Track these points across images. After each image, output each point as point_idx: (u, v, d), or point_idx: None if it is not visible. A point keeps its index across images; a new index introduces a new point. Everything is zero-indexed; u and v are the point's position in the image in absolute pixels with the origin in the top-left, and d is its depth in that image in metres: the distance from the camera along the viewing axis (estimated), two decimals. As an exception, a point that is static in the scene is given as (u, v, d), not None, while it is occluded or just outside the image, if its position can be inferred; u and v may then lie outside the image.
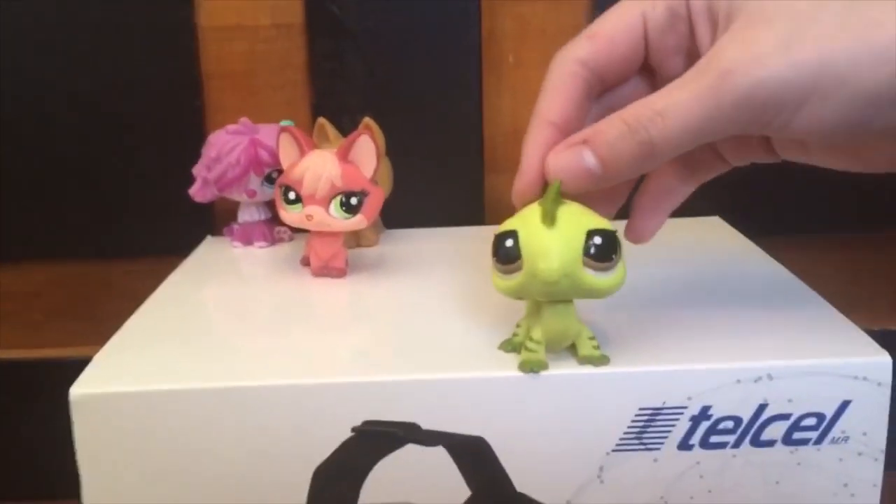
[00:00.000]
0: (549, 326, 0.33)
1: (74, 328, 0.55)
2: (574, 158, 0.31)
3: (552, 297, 0.32)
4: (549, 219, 0.30)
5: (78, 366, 0.34)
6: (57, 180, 0.53)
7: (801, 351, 0.33)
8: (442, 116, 0.53)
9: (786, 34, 0.28)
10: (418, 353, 0.35)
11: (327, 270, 0.44)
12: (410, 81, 0.52)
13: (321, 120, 0.48)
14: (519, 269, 0.31)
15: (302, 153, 0.42)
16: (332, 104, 0.52)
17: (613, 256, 0.31)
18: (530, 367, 0.33)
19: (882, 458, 0.34)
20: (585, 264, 0.30)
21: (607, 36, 0.33)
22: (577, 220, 0.31)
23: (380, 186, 0.43)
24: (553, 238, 0.30)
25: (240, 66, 0.53)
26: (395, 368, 0.34)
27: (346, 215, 0.42)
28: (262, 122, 0.54)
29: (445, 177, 0.53)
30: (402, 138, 0.53)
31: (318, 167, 0.41)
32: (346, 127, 0.53)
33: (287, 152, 0.43)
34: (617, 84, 0.35)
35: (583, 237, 0.30)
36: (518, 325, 0.35)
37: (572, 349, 0.34)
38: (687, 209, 0.52)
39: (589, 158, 0.31)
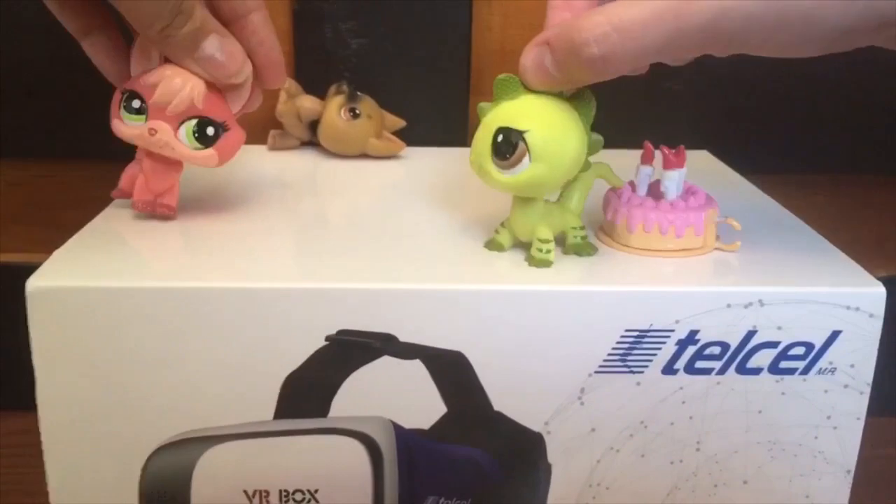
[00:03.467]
0: (512, 218, 0.34)
1: (29, 233, 0.53)
2: (537, 59, 0.31)
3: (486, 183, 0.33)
4: (482, 116, 0.33)
5: (32, 272, 0.31)
6: (17, 76, 0.50)
7: (794, 278, 0.33)
8: (430, 32, 0.50)
9: None
10: (398, 262, 0.34)
11: (152, 207, 0.36)
12: (397, -7, 0.50)
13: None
14: None
15: (161, 62, 0.35)
16: (314, 11, 0.50)
17: (508, 156, 0.31)
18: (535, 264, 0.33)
19: (868, 391, 0.33)
20: (492, 159, 0.32)
21: None
22: (503, 116, 0.32)
23: (242, 131, 0.36)
24: (478, 132, 0.32)
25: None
26: (373, 276, 0.32)
27: (197, 145, 0.35)
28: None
29: (429, 95, 0.51)
30: (386, 53, 0.50)
31: (181, 78, 0.34)
32: (328, 35, 0.50)
33: (141, 59, 0.35)
34: None
35: (492, 133, 0.32)
36: (502, 225, 0.35)
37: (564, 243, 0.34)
38: (674, 142, 0.51)
39: (548, 61, 0.31)
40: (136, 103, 0.35)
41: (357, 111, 0.47)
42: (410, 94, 0.51)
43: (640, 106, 0.51)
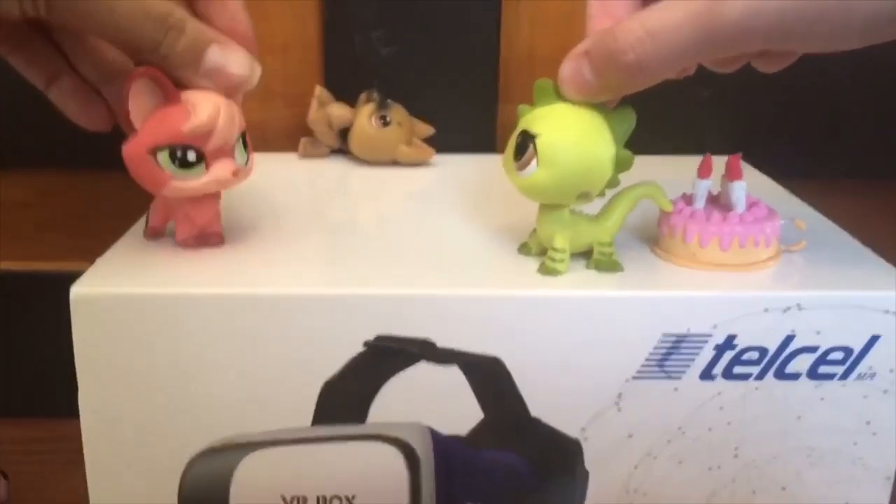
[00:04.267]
0: (537, 224, 0.34)
1: (65, 242, 0.54)
2: (574, 70, 0.31)
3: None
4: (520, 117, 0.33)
5: (68, 280, 0.32)
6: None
7: (832, 282, 0.32)
8: (458, 39, 0.50)
9: None
10: (434, 268, 0.34)
11: (204, 240, 0.35)
12: (427, 1, 0.50)
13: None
14: None
15: (170, 99, 0.31)
16: (344, 19, 0.50)
17: (520, 157, 0.32)
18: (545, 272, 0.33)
19: (908, 396, 0.33)
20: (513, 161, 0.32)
21: None
22: (532, 120, 0.32)
23: None
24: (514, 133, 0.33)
25: (246, -26, 0.50)
26: (412, 282, 0.32)
27: (245, 160, 0.34)
28: (269, 37, 0.52)
29: (458, 101, 0.51)
30: (415, 61, 0.51)
31: (226, 108, 0.32)
32: (357, 43, 0.51)
33: (143, 103, 0.31)
34: None
35: (517, 135, 0.32)
36: (534, 230, 0.35)
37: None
38: (708, 147, 0.51)
39: (587, 71, 0.30)
40: (191, 156, 0.32)
41: (387, 119, 0.47)
42: (439, 101, 0.51)
43: (668, 112, 0.51)
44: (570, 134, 0.31)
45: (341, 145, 0.49)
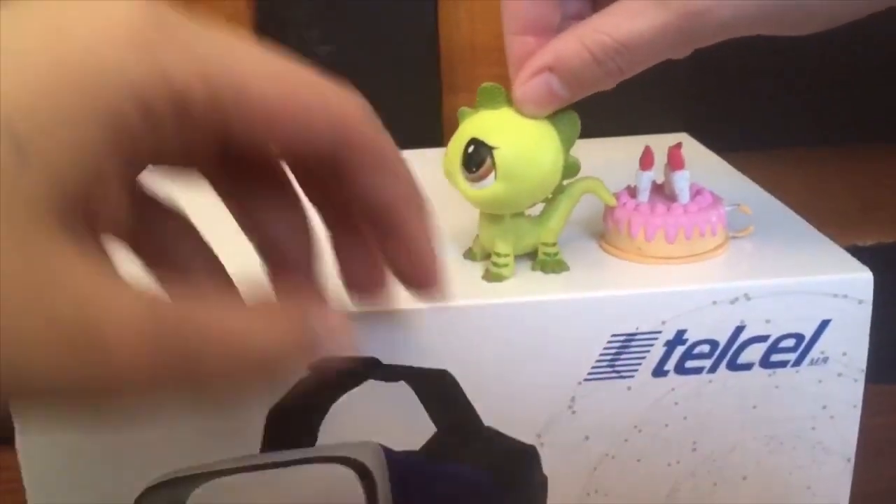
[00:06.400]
0: (479, 229, 0.33)
1: None
2: (542, 87, 0.31)
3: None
4: (461, 120, 0.32)
5: None
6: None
7: (778, 269, 0.32)
8: (396, 31, 0.49)
9: None
10: (376, 283, 0.33)
11: None
12: (361, -6, 0.49)
13: None
14: None
15: None
16: (276, 20, 0.49)
17: (475, 169, 0.30)
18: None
19: (862, 378, 0.32)
20: (461, 170, 0.31)
21: None
22: (479, 126, 0.31)
23: None
24: (454, 137, 0.32)
25: (174, -22, 0.49)
26: (352, 300, 0.31)
27: None
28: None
29: (400, 96, 0.50)
30: (353, 56, 0.49)
31: None
32: (293, 44, 0.49)
33: None
34: None
35: (465, 143, 0.31)
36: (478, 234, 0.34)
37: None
38: (653, 126, 0.51)
39: (556, 85, 0.30)
40: None
41: (328, 120, 0.46)
42: (382, 98, 0.49)
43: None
44: (527, 146, 0.31)
45: (284, 150, 0.48)
